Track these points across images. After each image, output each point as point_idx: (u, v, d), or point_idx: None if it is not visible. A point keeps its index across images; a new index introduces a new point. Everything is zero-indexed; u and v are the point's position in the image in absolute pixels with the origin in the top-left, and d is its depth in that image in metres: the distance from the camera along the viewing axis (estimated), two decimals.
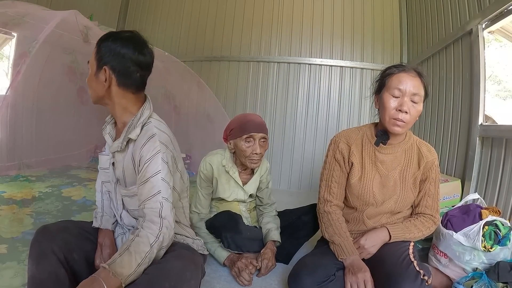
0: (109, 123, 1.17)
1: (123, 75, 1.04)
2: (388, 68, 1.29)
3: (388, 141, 1.29)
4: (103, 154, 1.21)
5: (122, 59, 1.02)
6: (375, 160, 1.32)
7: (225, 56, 3.59)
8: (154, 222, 0.94)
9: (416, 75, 1.22)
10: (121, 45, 1.02)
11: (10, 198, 2.09)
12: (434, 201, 1.33)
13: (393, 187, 1.30)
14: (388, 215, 1.34)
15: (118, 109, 1.08)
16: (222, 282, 1.42)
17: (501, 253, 1.34)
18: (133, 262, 0.87)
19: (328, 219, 1.36)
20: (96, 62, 1.04)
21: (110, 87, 1.05)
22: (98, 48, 1.04)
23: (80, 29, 2.28)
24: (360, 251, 1.26)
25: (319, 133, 3.40)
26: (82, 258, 1.07)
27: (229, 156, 1.63)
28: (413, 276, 1.05)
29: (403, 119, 1.18)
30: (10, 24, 2.31)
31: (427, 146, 1.34)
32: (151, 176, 0.99)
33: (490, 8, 1.79)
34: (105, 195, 1.27)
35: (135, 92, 1.08)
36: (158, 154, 1.00)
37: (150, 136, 1.03)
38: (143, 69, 1.07)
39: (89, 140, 3.54)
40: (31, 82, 2.82)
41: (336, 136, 1.41)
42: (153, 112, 1.13)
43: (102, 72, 1.03)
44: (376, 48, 3.33)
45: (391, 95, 1.21)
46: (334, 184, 1.38)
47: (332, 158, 1.39)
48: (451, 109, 2.25)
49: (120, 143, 1.07)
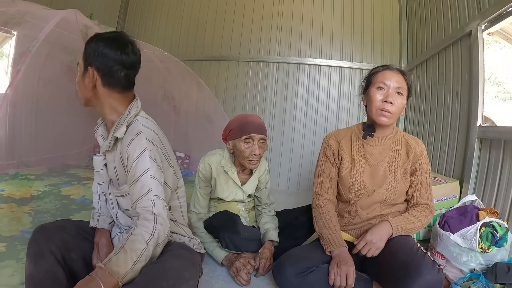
0: (100, 124, 1.18)
1: (106, 74, 1.04)
2: (374, 68, 1.40)
3: (375, 134, 1.38)
4: (96, 156, 1.21)
5: (105, 58, 1.03)
6: (364, 152, 1.39)
7: (225, 56, 3.59)
8: (148, 220, 0.95)
9: (399, 72, 1.33)
10: (104, 45, 1.03)
11: (9, 196, 2.10)
12: (427, 191, 1.37)
13: (383, 176, 1.35)
14: (381, 205, 1.36)
15: (106, 109, 1.09)
16: (220, 281, 1.42)
17: (498, 254, 1.35)
18: (128, 260, 0.87)
19: (319, 212, 1.42)
20: (83, 63, 1.06)
21: (96, 88, 1.05)
22: (84, 50, 1.06)
23: (80, 28, 2.28)
24: (368, 247, 1.25)
25: (318, 133, 3.40)
26: (80, 257, 1.07)
27: (228, 157, 1.63)
28: (431, 264, 1.08)
29: (389, 110, 1.27)
30: (10, 23, 2.31)
31: (414, 138, 1.42)
32: (141, 175, 0.98)
33: (490, 9, 1.79)
34: (101, 196, 1.27)
35: (121, 92, 1.09)
36: (145, 152, 1.00)
37: (135, 134, 1.03)
38: (127, 68, 1.07)
39: (88, 139, 3.54)
40: (30, 81, 2.83)
41: (327, 135, 1.52)
42: (141, 110, 1.13)
43: (88, 74, 1.04)
44: (375, 49, 3.33)
45: (377, 88, 1.31)
46: (326, 179, 1.45)
47: (323, 156, 1.48)
48: (450, 110, 2.26)
49: (108, 143, 1.07)
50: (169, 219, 1.03)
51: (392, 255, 1.20)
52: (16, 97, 2.68)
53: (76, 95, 1.13)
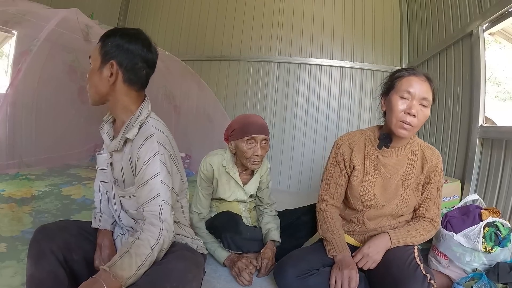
0: (107, 122, 1.16)
1: (130, 70, 1.03)
2: (398, 70, 1.28)
3: (391, 144, 1.28)
4: (100, 154, 1.20)
5: (131, 54, 1.02)
6: (378, 163, 1.31)
7: (226, 55, 3.58)
8: (154, 225, 0.94)
9: (426, 79, 1.21)
10: (129, 41, 1.02)
11: (10, 196, 2.09)
12: (436, 205, 1.32)
13: (395, 190, 1.30)
14: (389, 218, 1.34)
15: (119, 107, 1.07)
16: (222, 282, 1.42)
17: (501, 254, 1.34)
18: (133, 264, 0.86)
19: (323, 216, 1.40)
20: (101, 57, 1.02)
21: (115, 83, 1.03)
22: (103, 43, 1.03)
23: (81, 27, 2.27)
24: (365, 260, 1.25)
25: (319, 133, 3.40)
26: (81, 258, 1.06)
27: (230, 157, 1.63)
28: (420, 280, 1.06)
29: (411, 123, 1.17)
30: (11, 22, 2.31)
31: (431, 149, 1.32)
32: (150, 179, 0.98)
33: (491, 10, 1.79)
34: (103, 195, 1.26)
35: (138, 90, 1.08)
36: (156, 156, 0.99)
37: (147, 136, 1.01)
38: (149, 66, 1.08)
39: (89, 139, 3.54)
40: (31, 81, 2.82)
41: (340, 138, 1.42)
42: (152, 111, 1.12)
43: (108, 67, 1.01)
44: (376, 48, 3.33)
45: (400, 97, 1.19)
46: (333, 185, 1.40)
47: (333, 160, 1.40)
48: (451, 110, 2.26)
49: (118, 143, 1.05)
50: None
51: (386, 268, 1.19)
52: (17, 97, 2.67)
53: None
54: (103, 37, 1.05)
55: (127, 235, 1.18)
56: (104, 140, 1.15)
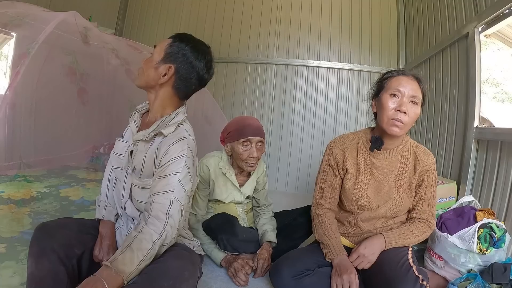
0: (139, 111, 1.20)
1: (183, 81, 1.08)
2: (387, 72, 1.30)
3: (384, 146, 1.29)
4: (121, 140, 1.23)
5: (191, 68, 1.07)
6: (370, 165, 1.32)
7: (223, 58, 3.59)
8: (159, 218, 0.95)
9: (415, 79, 1.23)
10: (196, 57, 1.07)
11: (9, 197, 2.10)
12: (430, 206, 1.33)
13: (388, 192, 1.31)
14: (384, 220, 1.35)
15: (158, 103, 1.11)
16: (219, 282, 1.43)
17: (496, 255, 1.35)
18: (135, 259, 0.88)
19: (318, 220, 1.40)
20: (164, 54, 1.07)
21: (164, 84, 1.08)
22: (173, 43, 1.08)
23: (80, 30, 2.28)
24: (360, 260, 1.26)
25: (316, 134, 3.41)
26: (84, 252, 1.07)
27: (226, 159, 1.64)
28: (412, 281, 1.06)
29: (402, 120, 1.18)
30: (10, 25, 2.31)
31: (424, 150, 1.33)
32: (170, 174, 1.00)
33: (487, 11, 1.80)
34: (111, 183, 1.27)
35: (181, 98, 1.13)
36: (184, 157, 1.02)
37: (180, 137, 1.05)
38: (201, 85, 1.14)
39: (88, 140, 3.54)
40: (30, 82, 2.82)
41: (332, 141, 1.43)
42: (187, 119, 1.17)
43: (165, 67, 1.06)
44: (373, 50, 3.34)
45: (390, 96, 1.21)
46: (327, 189, 1.41)
47: (326, 163, 1.41)
48: (447, 111, 2.27)
49: (147, 134, 1.08)
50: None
51: (379, 268, 1.21)
52: (16, 99, 2.68)
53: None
54: (175, 38, 1.10)
55: (125, 227, 1.19)
56: (130, 127, 1.18)
